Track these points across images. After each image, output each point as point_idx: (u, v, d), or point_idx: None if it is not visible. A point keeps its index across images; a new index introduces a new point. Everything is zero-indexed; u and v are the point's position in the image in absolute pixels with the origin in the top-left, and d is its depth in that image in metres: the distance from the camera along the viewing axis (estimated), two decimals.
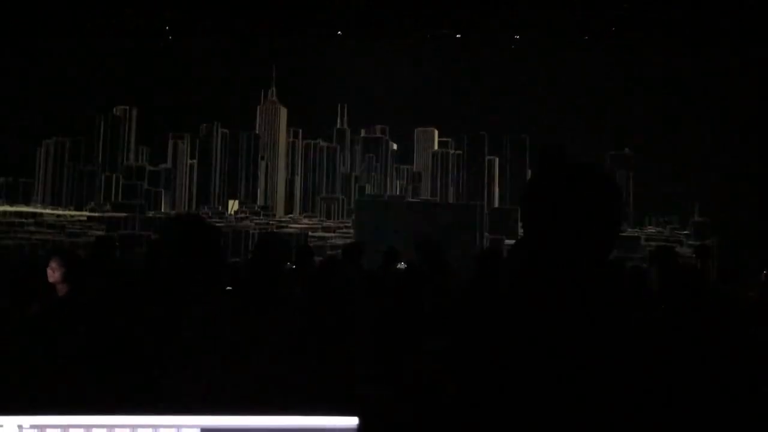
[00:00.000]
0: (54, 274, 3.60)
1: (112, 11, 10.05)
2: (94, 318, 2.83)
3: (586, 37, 10.85)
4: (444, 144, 15.36)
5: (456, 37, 11.14)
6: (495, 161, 15.27)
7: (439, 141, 15.40)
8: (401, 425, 1.88)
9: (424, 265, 4.36)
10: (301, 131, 15.36)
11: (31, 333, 3.20)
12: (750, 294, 4.81)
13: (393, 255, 5.49)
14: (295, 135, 15.41)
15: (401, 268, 5.64)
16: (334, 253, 9.89)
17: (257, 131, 15.14)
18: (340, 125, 15.02)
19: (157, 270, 2.30)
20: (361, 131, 15.21)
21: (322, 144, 15.24)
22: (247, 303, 3.46)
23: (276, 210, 14.94)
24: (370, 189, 15.20)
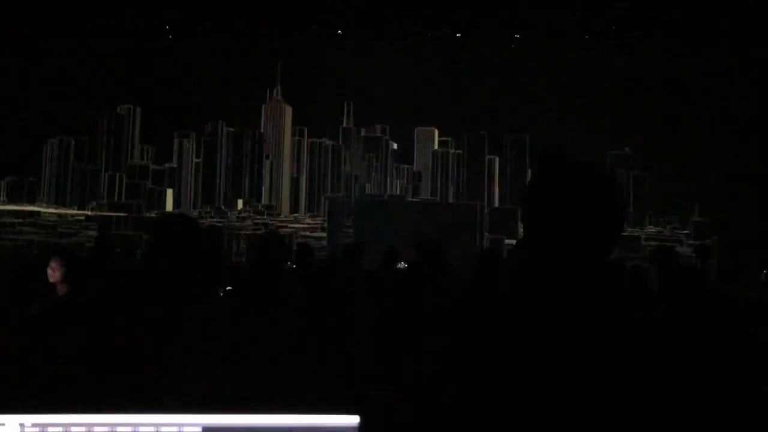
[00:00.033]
0: (54, 274, 3.61)
1: (116, 11, 10.06)
2: (94, 318, 2.84)
3: (586, 37, 10.85)
4: (444, 143, 15.26)
5: (456, 37, 11.14)
6: (495, 161, 15.14)
7: (440, 140, 15.29)
8: (402, 424, 1.89)
9: (424, 265, 4.36)
10: (307, 130, 15.25)
11: (32, 333, 3.21)
12: (750, 294, 4.81)
13: (393, 255, 5.49)
14: (301, 134, 15.30)
15: (402, 267, 5.64)
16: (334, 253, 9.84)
17: (262, 130, 15.04)
18: (346, 124, 14.93)
19: (156, 270, 2.30)
20: (362, 131, 15.11)
21: (327, 143, 15.14)
22: (247, 303, 3.46)
23: (281, 209, 14.84)
24: (370, 188, 15.11)
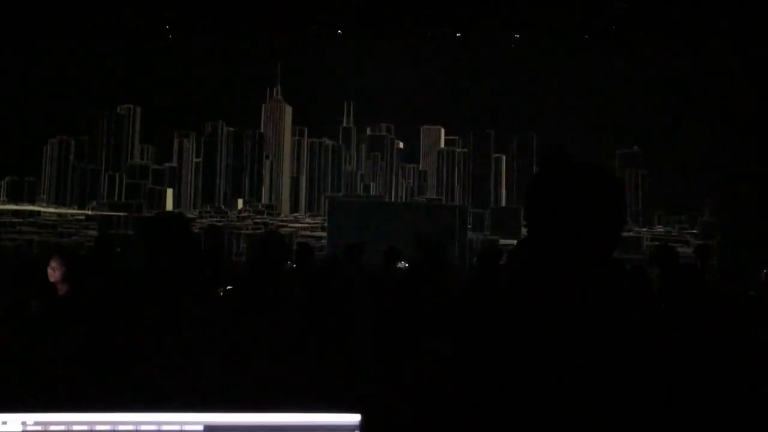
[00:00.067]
0: (55, 273, 3.61)
1: (116, 11, 10.06)
2: (94, 317, 2.84)
3: (586, 36, 10.84)
4: (451, 142, 15.12)
5: (457, 36, 11.10)
6: (502, 159, 14.98)
7: (446, 139, 15.16)
8: (403, 422, 1.89)
9: (424, 265, 4.37)
10: (307, 130, 15.20)
11: (32, 332, 3.21)
12: (750, 293, 4.80)
13: (393, 255, 5.50)
14: (301, 134, 15.25)
15: (402, 267, 5.64)
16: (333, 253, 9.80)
17: (262, 130, 15.00)
18: (346, 123, 14.87)
19: (150, 269, 2.31)
20: (368, 129, 15.03)
21: (327, 142, 15.08)
22: (247, 302, 3.46)
23: (281, 209, 14.80)
24: (374, 188, 15.05)
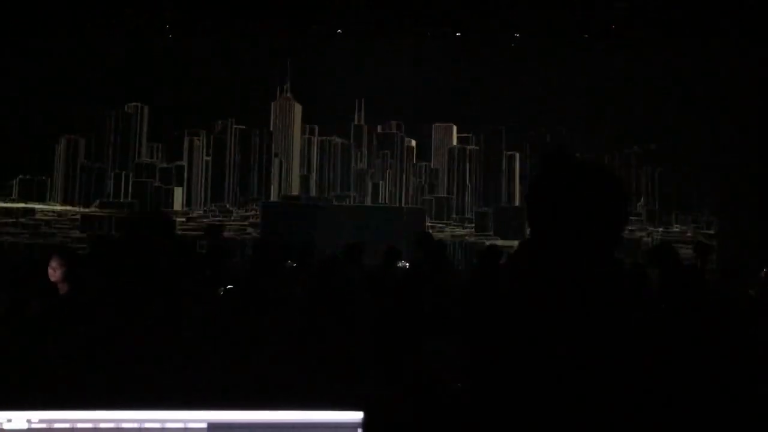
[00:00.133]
0: (55, 273, 3.61)
1: (123, 10, 10.05)
2: (95, 316, 2.84)
3: (585, 35, 10.80)
4: (464, 140, 14.87)
5: (469, 35, 11.02)
6: (515, 157, 14.66)
7: (459, 137, 14.90)
8: (405, 419, 1.89)
9: (424, 265, 4.36)
10: (317, 128, 15.03)
11: (33, 332, 3.21)
12: (750, 292, 4.81)
13: (393, 255, 5.48)
14: (311, 132, 15.09)
15: (402, 267, 5.64)
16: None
17: (271, 128, 14.86)
18: (357, 121, 14.72)
19: (157, 269, 2.31)
20: (378, 127, 14.86)
21: (337, 141, 14.94)
22: (248, 302, 3.46)
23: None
24: (383, 187, 14.88)
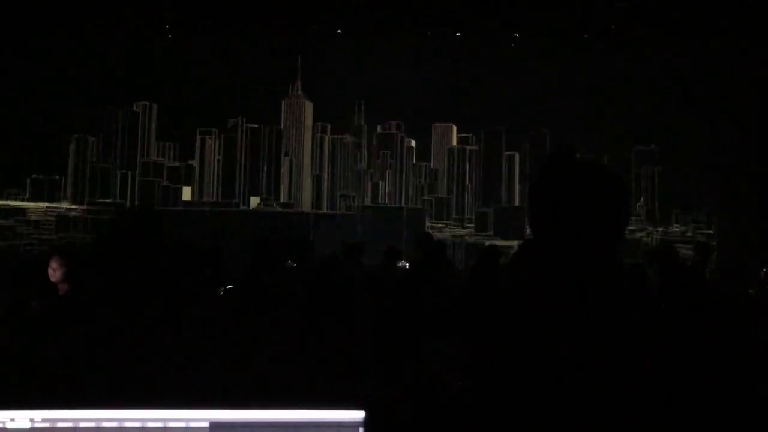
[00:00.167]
0: (55, 273, 3.61)
1: (125, 9, 10.03)
2: (95, 316, 2.84)
3: (585, 35, 10.77)
4: (464, 140, 14.81)
5: (469, 35, 10.98)
6: (515, 157, 14.59)
7: (459, 137, 14.85)
8: (406, 418, 1.90)
9: (425, 265, 4.37)
10: (330, 126, 14.95)
11: (34, 332, 3.22)
12: (750, 292, 4.81)
13: (394, 254, 5.49)
14: (323, 130, 14.99)
15: (402, 266, 5.64)
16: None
17: (282, 126, 14.77)
18: (357, 121, 14.70)
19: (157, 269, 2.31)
20: (378, 127, 14.81)
21: (348, 140, 14.88)
22: (248, 302, 3.46)
23: (302, 207, 14.58)
24: (383, 187, 14.80)
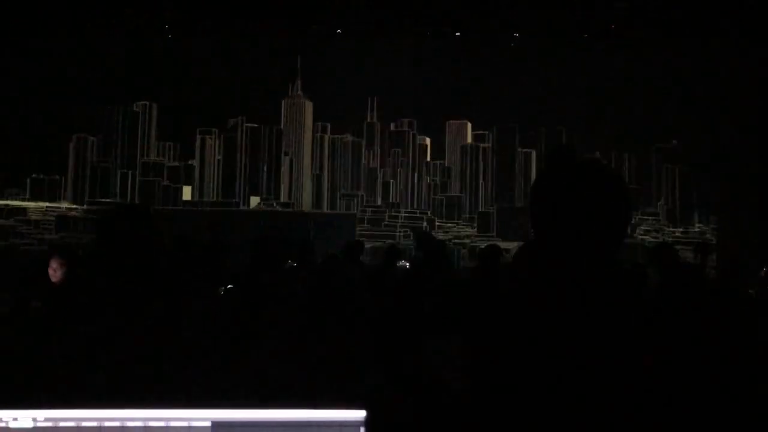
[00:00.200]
0: (55, 273, 3.62)
1: (138, 8, 10.02)
2: (95, 316, 2.84)
3: (585, 36, 10.77)
4: (480, 137, 14.62)
5: (470, 34, 10.96)
6: (532, 154, 14.30)
7: (474, 134, 14.67)
8: (407, 418, 1.90)
9: (425, 264, 4.37)
10: (330, 126, 14.86)
11: (35, 332, 3.22)
12: (750, 291, 4.82)
13: (394, 254, 5.49)
14: (324, 130, 14.91)
15: (402, 266, 5.65)
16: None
17: (282, 126, 14.68)
18: (369, 119, 14.56)
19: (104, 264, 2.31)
20: (392, 125, 14.69)
21: (348, 139, 14.79)
22: (248, 301, 3.47)
23: (303, 207, 14.49)
24: (395, 186, 14.68)
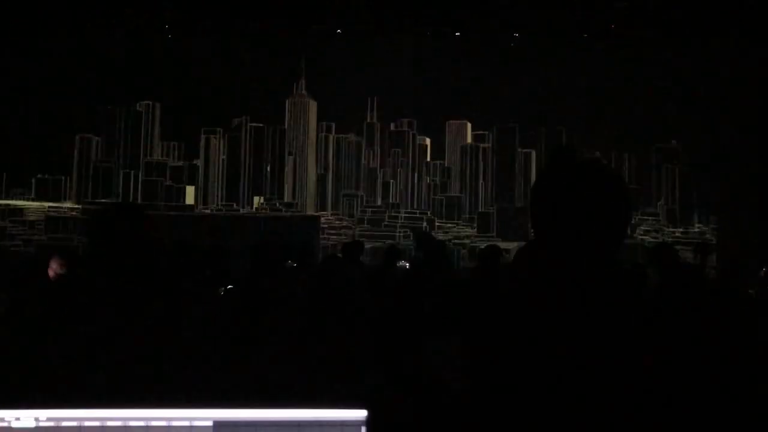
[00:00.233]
0: (56, 273, 3.62)
1: (140, 8, 10.02)
2: (95, 316, 2.85)
3: (585, 35, 10.76)
4: (480, 138, 14.58)
5: (471, 34, 10.96)
6: (532, 154, 14.26)
7: (474, 134, 14.63)
8: (408, 418, 1.90)
9: (425, 264, 4.37)
10: (335, 126, 14.79)
11: (35, 332, 3.22)
12: (750, 291, 4.83)
13: (394, 253, 5.49)
14: (328, 129, 14.83)
15: (402, 266, 5.65)
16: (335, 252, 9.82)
17: (285, 126, 14.60)
18: (369, 119, 14.53)
19: (96, 261, 2.31)
20: (392, 125, 14.66)
21: (351, 139, 14.74)
22: (248, 302, 3.47)
23: (306, 208, 14.42)
24: (395, 186, 14.63)
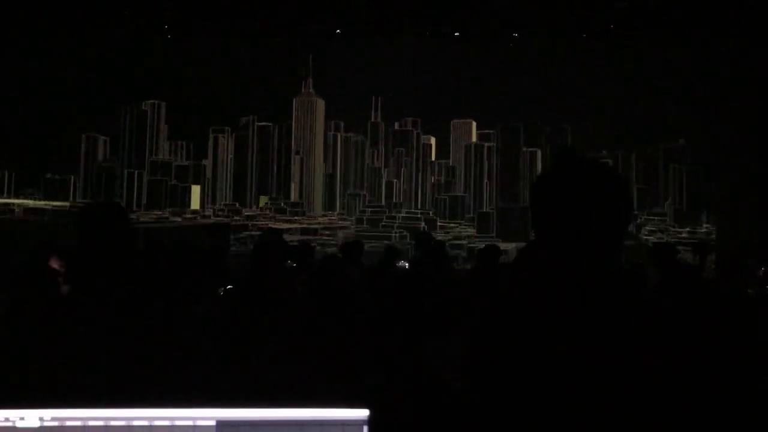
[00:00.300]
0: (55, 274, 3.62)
1: (141, 8, 10.00)
2: (95, 317, 2.85)
3: (584, 35, 10.72)
4: (484, 137, 14.57)
5: (472, 34, 10.92)
6: (536, 153, 14.26)
7: (479, 133, 14.62)
8: (409, 417, 1.91)
9: (425, 264, 4.38)
10: (343, 124, 14.75)
11: (35, 332, 3.23)
12: (749, 291, 4.83)
13: (393, 254, 5.50)
14: (336, 128, 14.77)
15: (402, 266, 5.66)
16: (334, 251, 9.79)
17: (293, 124, 14.55)
18: (374, 119, 14.51)
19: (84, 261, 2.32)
20: (396, 124, 14.63)
21: (356, 138, 14.70)
22: (248, 302, 3.48)
23: (313, 207, 14.37)
24: (398, 185, 14.60)
